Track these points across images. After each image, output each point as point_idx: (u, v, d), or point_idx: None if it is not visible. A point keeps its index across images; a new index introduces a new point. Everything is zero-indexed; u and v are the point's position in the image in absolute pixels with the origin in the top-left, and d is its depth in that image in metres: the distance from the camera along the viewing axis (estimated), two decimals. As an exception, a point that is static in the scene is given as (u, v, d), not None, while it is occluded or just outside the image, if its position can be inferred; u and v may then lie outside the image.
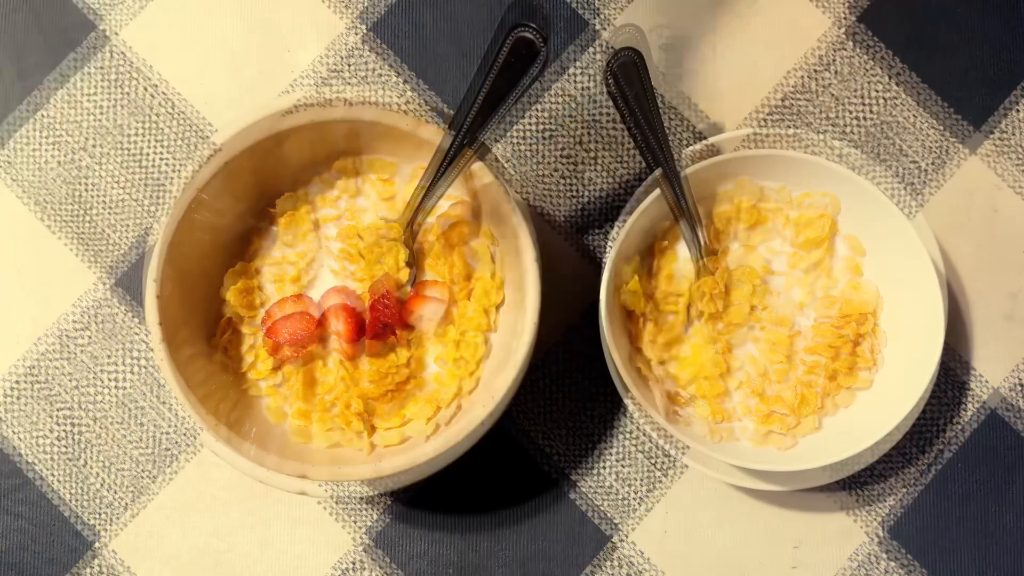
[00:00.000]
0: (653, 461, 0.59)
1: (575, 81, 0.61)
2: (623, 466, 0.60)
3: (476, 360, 0.55)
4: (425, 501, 0.59)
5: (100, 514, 0.59)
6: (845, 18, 0.61)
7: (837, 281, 0.57)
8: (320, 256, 0.57)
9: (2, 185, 0.61)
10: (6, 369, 0.60)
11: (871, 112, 0.61)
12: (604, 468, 0.59)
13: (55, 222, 0.61)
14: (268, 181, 0.56)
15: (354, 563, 0.59)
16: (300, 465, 0.50)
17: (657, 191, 0.53)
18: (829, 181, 0.55)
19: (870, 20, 0.61)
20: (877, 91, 0.61)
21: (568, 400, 0.60)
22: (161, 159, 0.61)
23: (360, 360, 0.55)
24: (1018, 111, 0.61)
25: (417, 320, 0.55)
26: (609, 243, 0.60)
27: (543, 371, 0.60)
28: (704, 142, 0.53)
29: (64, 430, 0.60)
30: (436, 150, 0.51)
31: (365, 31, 0.61)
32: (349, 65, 0.61)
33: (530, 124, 0.61)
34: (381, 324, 0.55)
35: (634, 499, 0.59)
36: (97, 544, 0.59)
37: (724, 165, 0.56)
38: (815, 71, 0.61)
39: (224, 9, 0.62)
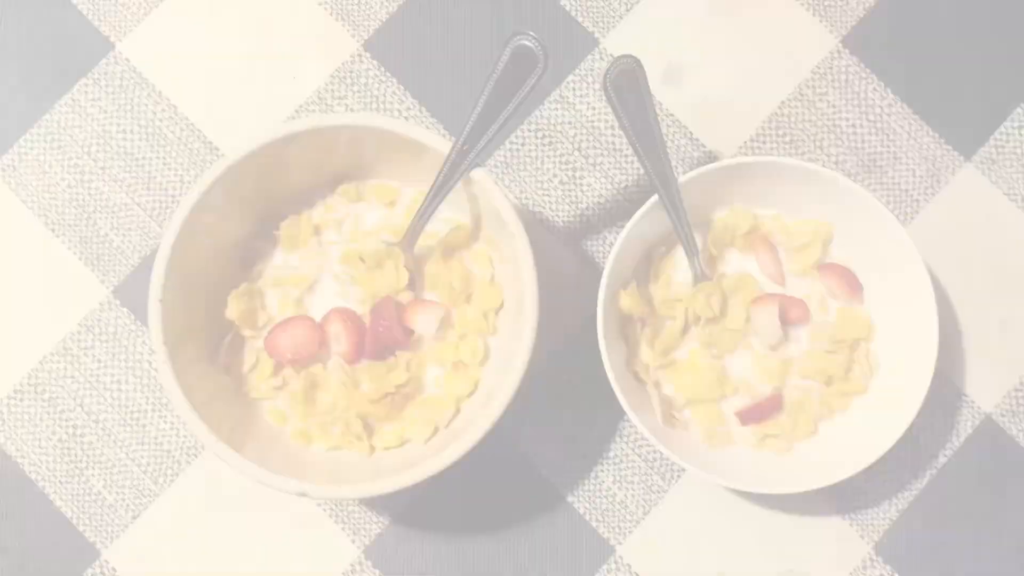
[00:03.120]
0: (651, 465, 0.60)
1: (574, 88, 0.62)
2: (621, 470, 0.60)
3: (475, 363, 0.56)
4: (423, 507, 0.60)
5: (100, 531, 0.60)
6: (839, 50, 0.62)
7: (829, 308, 0.58)
8: (323, 278, 0.58)
9: (6, 189, 0.62)
10: (8, 373, 0.61)
11: (863, 141, 0.62)
12: (602, 472, 0.60)
13: (59, 227, 0.61)
14: (273, 198, 0.57)
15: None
16: (300, 484, 0.51)
17: (655, 196, 0.54)
18: (824, 207, 0.56)
19: (863, 53, 0.62)
20: (870, 120, 0.62)
21: (566, 404, 0.60)
22: (164, 163, 0.62)
23: (360, 378, 0.56)
24: (1009, 142, 0.62)
25: (417, 323, 0.56)
26: (608, 248, 0.60)
27: (542, 375, 0.60)
28: (698, 170, 0.54)
29: (66, 432, 0.60)
30: (438, 156, 0.52)
31: (370, 57, 0.63)
32: (355, 91, 0.62)
33: (529, 130, 0.62)
34: (382, 345, 0.56)
35: (632, 503, 0.59)
36: (97, 562, 0.60)
37: (718, 191, 0.57)
38: (810, 101, 0.62)
39: (231, 28, 0.63)
